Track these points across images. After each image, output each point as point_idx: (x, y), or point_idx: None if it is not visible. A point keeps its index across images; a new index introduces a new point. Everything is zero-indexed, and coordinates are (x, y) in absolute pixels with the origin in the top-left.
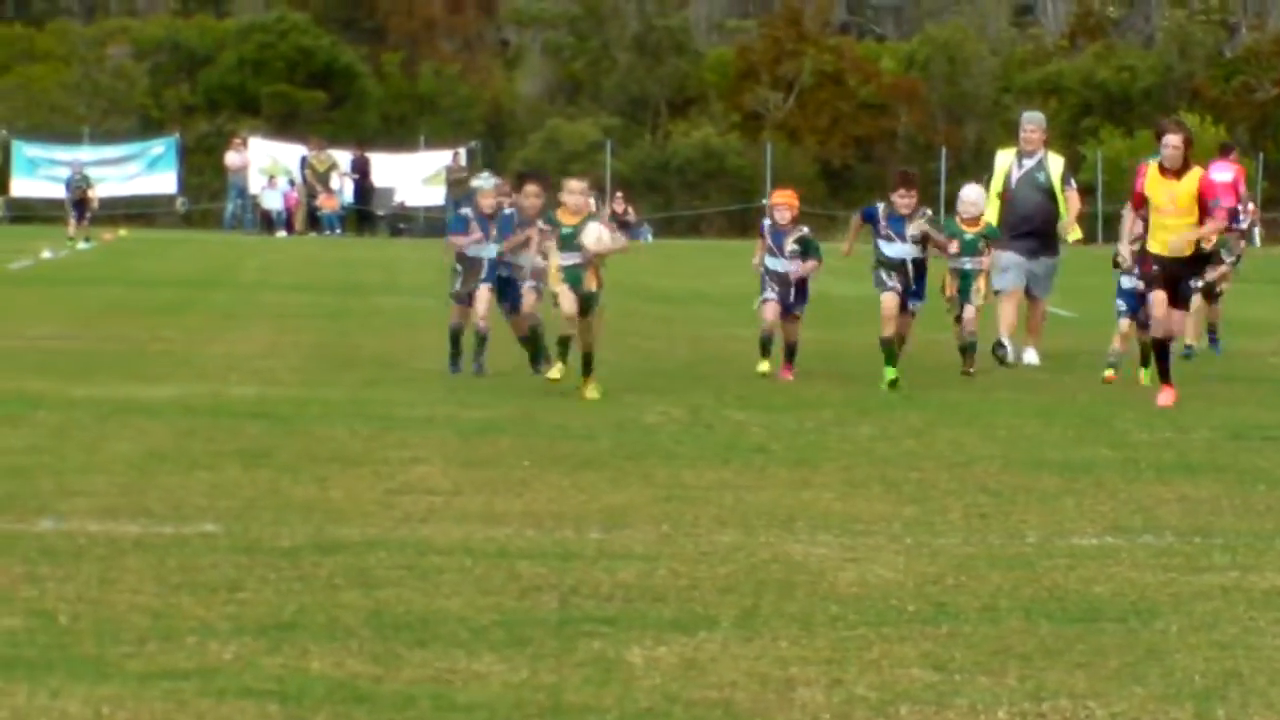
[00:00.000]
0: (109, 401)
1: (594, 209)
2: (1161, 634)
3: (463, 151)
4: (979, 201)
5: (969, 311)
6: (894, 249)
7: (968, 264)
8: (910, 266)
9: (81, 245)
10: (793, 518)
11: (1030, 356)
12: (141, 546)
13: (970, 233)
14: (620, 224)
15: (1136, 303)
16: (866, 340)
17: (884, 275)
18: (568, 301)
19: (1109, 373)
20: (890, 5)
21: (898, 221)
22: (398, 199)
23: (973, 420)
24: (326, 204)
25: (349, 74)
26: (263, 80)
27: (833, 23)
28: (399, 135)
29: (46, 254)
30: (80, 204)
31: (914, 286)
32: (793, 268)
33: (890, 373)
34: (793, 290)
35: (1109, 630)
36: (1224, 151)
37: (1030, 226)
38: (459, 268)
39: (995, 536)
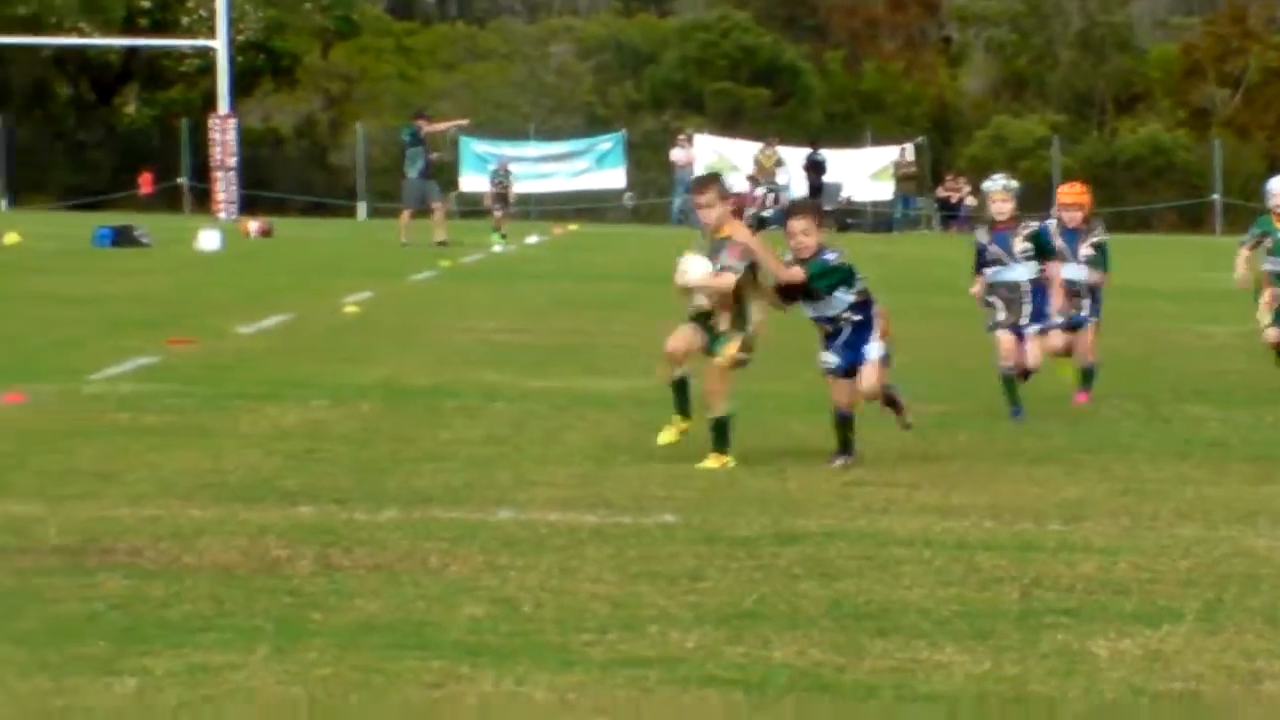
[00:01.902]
0: (564, 393)
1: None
2: None
3: (910, 147)
4: None
5: None
6: None
7: None
8: None
9: (496, 248)
10: (1254, 512)
11: None
12: (600, 536)
13: None
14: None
15: None
16: None
17: None
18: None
19: None
20: None
21: None
22: (844, 194)
23: None
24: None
25: (792, 71)
26: (707, 78)
27: (1278, 19)
28: (843, 131)
29: (497, 248)
30: (502, 198)
31: None
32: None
33: None
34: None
35: None
36: None
37: None
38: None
39: None
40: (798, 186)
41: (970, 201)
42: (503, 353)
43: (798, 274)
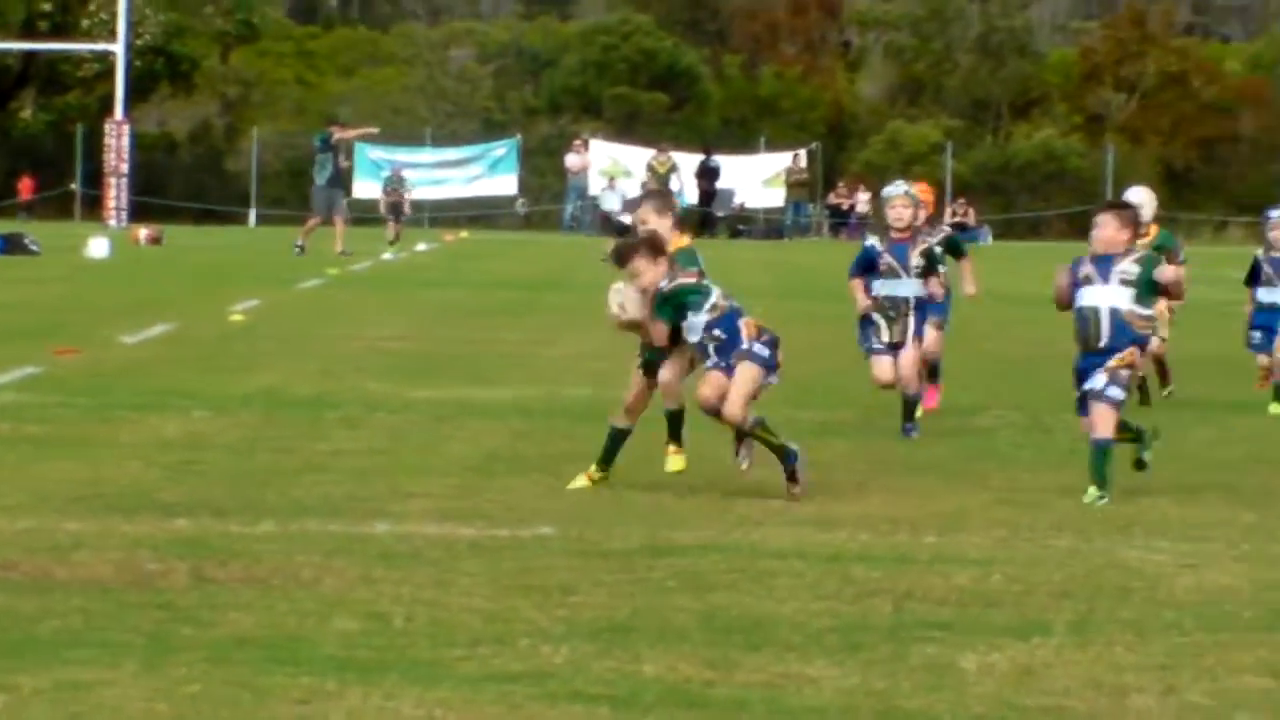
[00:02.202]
0: (448, 403)
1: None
2: None
3: (802, 153)
4: None
5: None
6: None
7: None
8: None
9: (386, 255)
10: (1130, 524)
11: None
12: (477, 549)
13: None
14: (959, 227)
15: None
16: (1204, 346)
17: None
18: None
19: None
20: (1236, 5)
21: None
22: (737, 200)
23: None
24: None
25: (690, 76)
26: (605, 82)
27: (1177, 23)
28: (739, 137)
29: (387, 256)
30: (396, 207)
31: None
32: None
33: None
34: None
35: None
36: None
37: None
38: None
39: None
40: (691, 193)
41: (862, 209)
42: (388, 362)
43: (661, 331)
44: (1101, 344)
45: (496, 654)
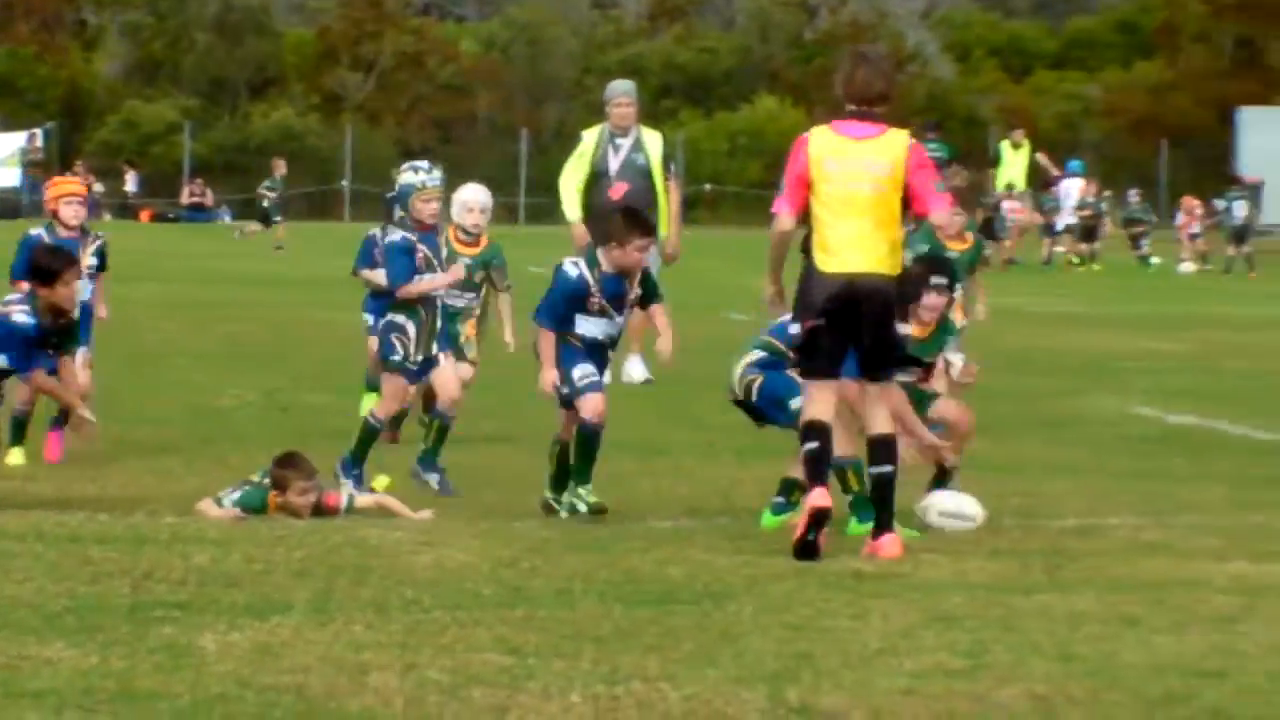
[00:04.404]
0: None
1: None
2: (735, 616)
3: (39, 133)
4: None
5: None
6: None
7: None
8: None
9: None
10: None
11: (636, 369)
12: None
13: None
14: (196, 207)
15: None
16: None
17: None
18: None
19: None
20: None
21: None
22: None
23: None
24: None
25: None
26: None
27: (414, 4)
28: None
29: None
30: None
31: None
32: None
33: None
34: None
35: (682, 613)
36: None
37: None
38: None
39: (571, 519)
40: None
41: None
42: None
43: None
44: None
45: None
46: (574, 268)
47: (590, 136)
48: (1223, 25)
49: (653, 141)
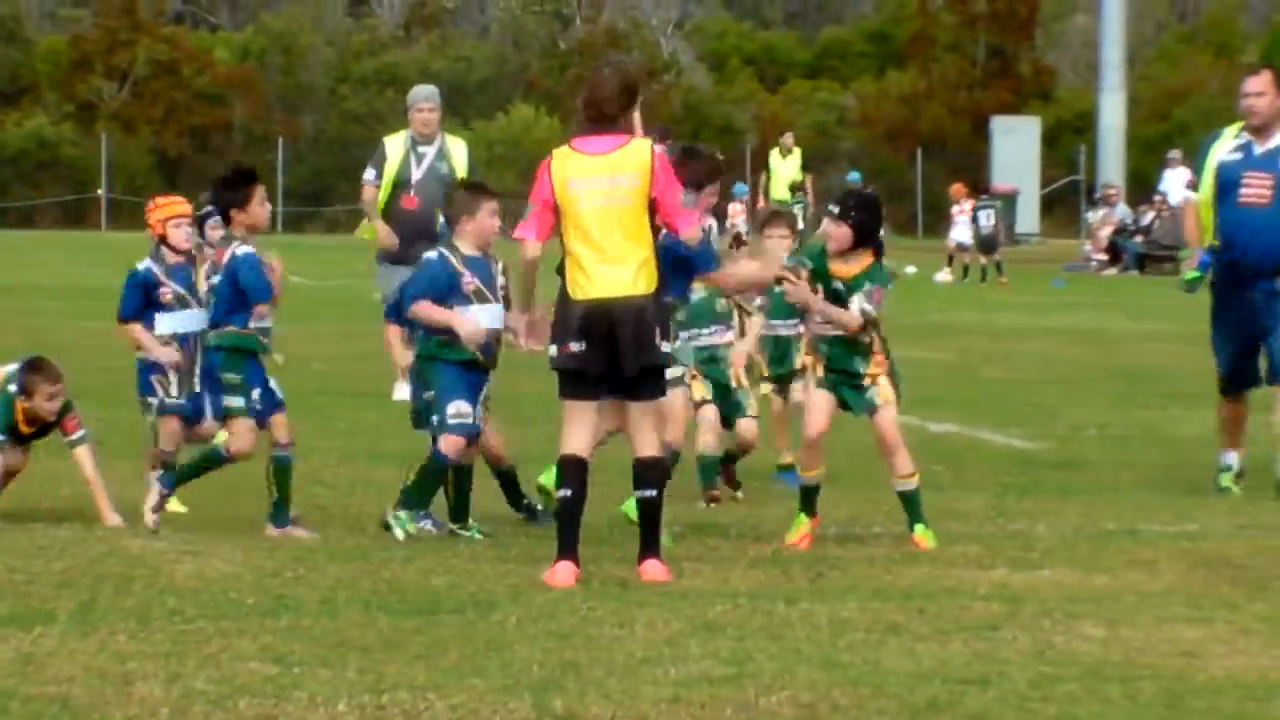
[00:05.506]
0: None
1: None
2: (500, 625)
3: None
4: None
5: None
6: None
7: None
8: None
9: None
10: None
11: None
12: None
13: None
14: None
15: None
16: None
17: None
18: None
19: None
20: None
21: None
22: None
23: (311, 411)
24: None
25: None
26: None
27: (168, 12)
28: None
29: None
30: None
31: None
32: None
33: None
34: None
35: (448, 622)
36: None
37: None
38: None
39: (334, 529)
40: None
41: None
42: None
43: None
44: None
45: None
46: (433, 252)
47: (392, 143)
48: (974, 35)
49: (458, 150)
